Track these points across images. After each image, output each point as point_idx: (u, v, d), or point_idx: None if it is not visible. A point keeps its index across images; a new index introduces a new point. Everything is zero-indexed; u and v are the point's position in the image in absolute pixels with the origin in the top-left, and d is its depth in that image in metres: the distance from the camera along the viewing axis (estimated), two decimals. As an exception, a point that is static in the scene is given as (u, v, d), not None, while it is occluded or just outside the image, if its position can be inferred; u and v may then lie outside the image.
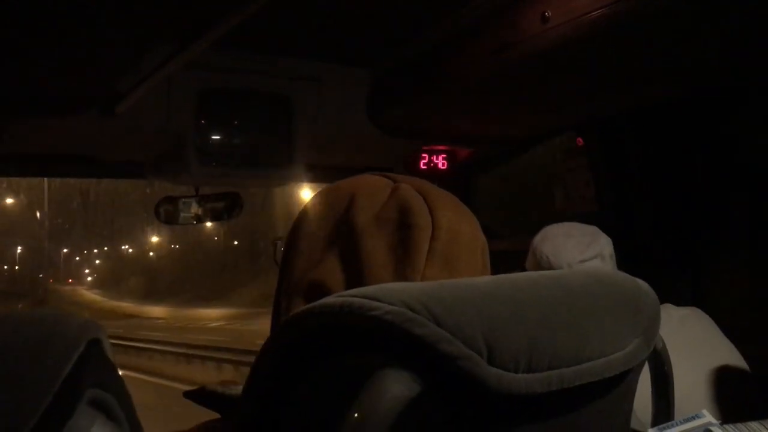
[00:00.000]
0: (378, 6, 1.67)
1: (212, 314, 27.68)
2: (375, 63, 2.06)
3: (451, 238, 0.70)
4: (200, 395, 0.80)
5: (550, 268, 1.56)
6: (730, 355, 1.51)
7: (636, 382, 0.67)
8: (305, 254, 0.73)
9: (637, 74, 1.69)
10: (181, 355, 15.34)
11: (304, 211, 0.78)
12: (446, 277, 0.69)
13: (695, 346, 1.46)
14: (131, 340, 17.81)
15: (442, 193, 0.75)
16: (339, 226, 0.72)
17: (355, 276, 0.69)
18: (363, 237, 0.70)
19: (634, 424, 0.71)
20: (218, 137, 1.97)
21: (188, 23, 1.50)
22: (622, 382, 0.63)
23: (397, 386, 0.51)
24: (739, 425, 0.66)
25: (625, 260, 1.70)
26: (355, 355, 0.55)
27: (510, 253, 1.94)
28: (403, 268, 0.68)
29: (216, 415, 0.80)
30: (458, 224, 0.72)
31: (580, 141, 2.25)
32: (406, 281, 0.67)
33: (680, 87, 1.84)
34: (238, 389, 0.74)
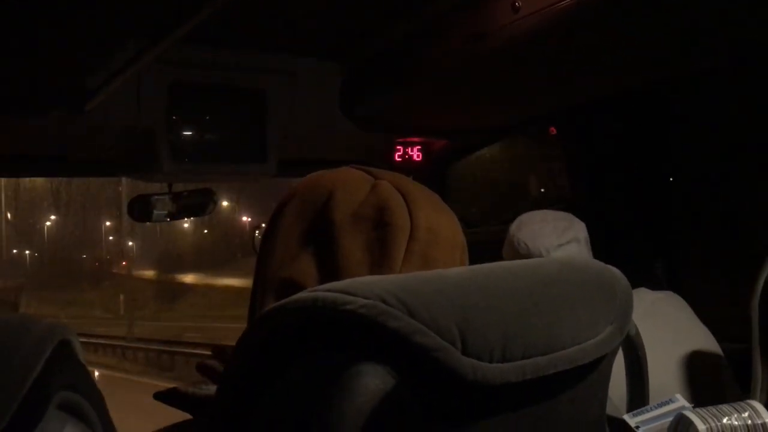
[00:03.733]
0: (349, -2, 1.67)
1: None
2: (348, 56, 2.05)
3: (430, 238, 0.69)
4: (171, 396, 0.79)
5: (528, 254, 1.57)
6: (704, 338, 1.53)
7: (610, 368, 0.68)
8: (281, 248, 0.72)
9: (608, 63, 1.70)
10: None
11: (282, 204, 0.76)
12: None
13: (669, 329, 1.48)
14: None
15: (422, 191, 0.74)
16: (316, 222, 0.71)
17: (331, 273, 0.68)
18: (340, 234, 0.69)
19: (609, 410, 0.71)
20: (190, 133, 1.95)
21: (158, 17, 1.48)
22: (596, 368, 0.64)
23: (372, 380, 0.51)
24: (711, 408, 0.67)
25: (599, 247, 1.72)
26: (329, 350, 0.54)
27: (486, 243, 1.95)
28: (379, 268, 0.67)
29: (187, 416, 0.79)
30: (437, 224, 0.71)
31: (553, 130, 2.26)
32: None
33: (652, 75, 1.86)
34: (209, 389, 0.74)
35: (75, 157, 2.17)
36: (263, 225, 0.80)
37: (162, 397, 0.86)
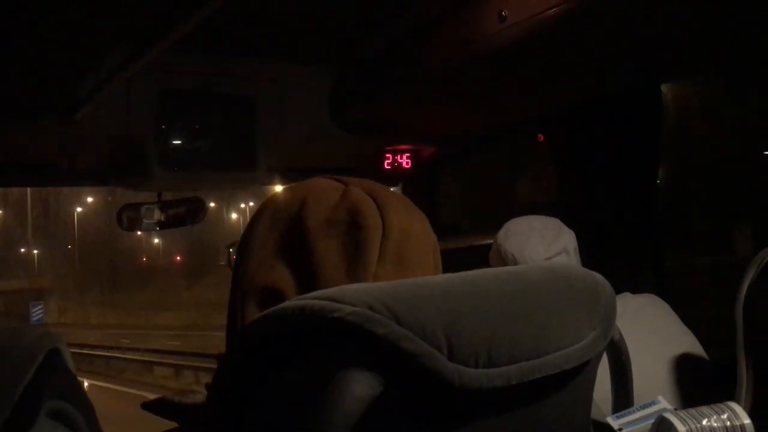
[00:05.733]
0: (338, 6, 1.68)
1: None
2: (337, 63, 2.06)
3: (402, 237, 0.71)
4: (158, 406, 0.80)
5: (515, 265, 1.57)
6: (688, 341, 1.54)
7: (595, 372, 0.69)
8: (257, 258, 0.73)
9: (594, 70, 1.72)
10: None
11: (255, 217, 0.77)
12: (398, 276, 0.69)
13: (653, 333, 1.49)
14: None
15: (391, 195, 0.76)
16: (290, 230, 0.73)
17: (308, 278, 0.69)
18: (314, 240, 0.70)
19: (594, 414, 0.72)
20: (180, 141, 1.95)
21: (147, 25, 1.49)
22: (580, 373, 0.65)
23: (360, 387, 0.52)
24: (691, 410, 0.68)
25: (587, 251, 1.73)
26: (317, 357, 0.55)
27: (475, 249, 1.96)
28: (355, 268, 0.69)
29: (173, 424, 0.79)
30: (408, 224, 0.73)
31: (541, 137, 2.28)
32: (358, 281, 0.68)
33: (638, 81, 1.88)
34: (195, 397, 0.74)
35: (64, 165, 2.17)
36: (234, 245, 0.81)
37: (149, 407, 0.86)
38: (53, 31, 1.50)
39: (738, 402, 1.17)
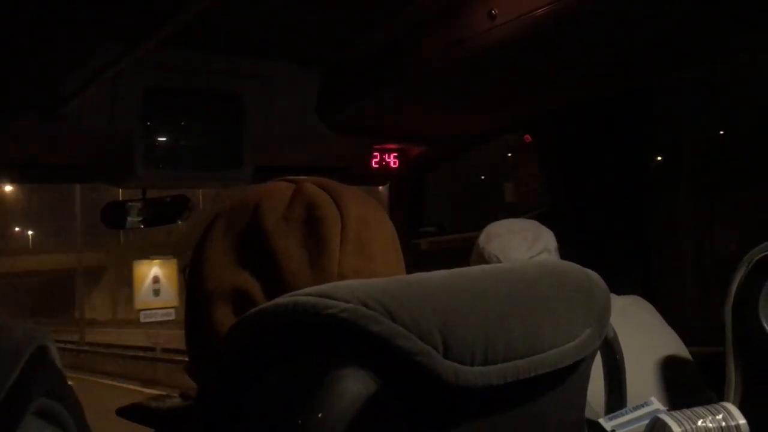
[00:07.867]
0: (327, 4, 1.67)
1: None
2: (325, 62, 2.05)
3: (361, 225, 0.72)
4: (133, 412, 0.78)
5: None
6: (673, 342, 1.55)
7: (589, 371, 0.68)
8: (216, 264, 0.73)
9: (583, 70, 1.73)
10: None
11: (210, 224, 0.77)
12: (362, 263, 0.70)
13: (641, 334, 1.49)
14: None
15: (345, 187, 0.76)
16: (247, 233, 0.72)
17: (274, 277, 0.69)
18: (274, 239, 0.70)
19: (588, 414, 0.72)
20: (165, 138, 1.93)
21: (134, 21, 1.47)
22: (575, 371, 0.64)
23: (354, 385, 0.51)
24: (686, 411, 0.68)
25: (574, 252, 1.73)
26: (310, 354, 0.54)
27: (463, 249, 1.95)
28: (319, 260, 0.69)
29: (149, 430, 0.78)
30: (365, 212, 0.74)
31: (528, 138, 2.28)
32: (323, 272, 0.68)
33: (627, 82, 1.88)
34: (172, 402, 0.73)
35: (47, 162, 2.14)
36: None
37: (124, 412, 0.84)
38: (38, 26, 1.48)
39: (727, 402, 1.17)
